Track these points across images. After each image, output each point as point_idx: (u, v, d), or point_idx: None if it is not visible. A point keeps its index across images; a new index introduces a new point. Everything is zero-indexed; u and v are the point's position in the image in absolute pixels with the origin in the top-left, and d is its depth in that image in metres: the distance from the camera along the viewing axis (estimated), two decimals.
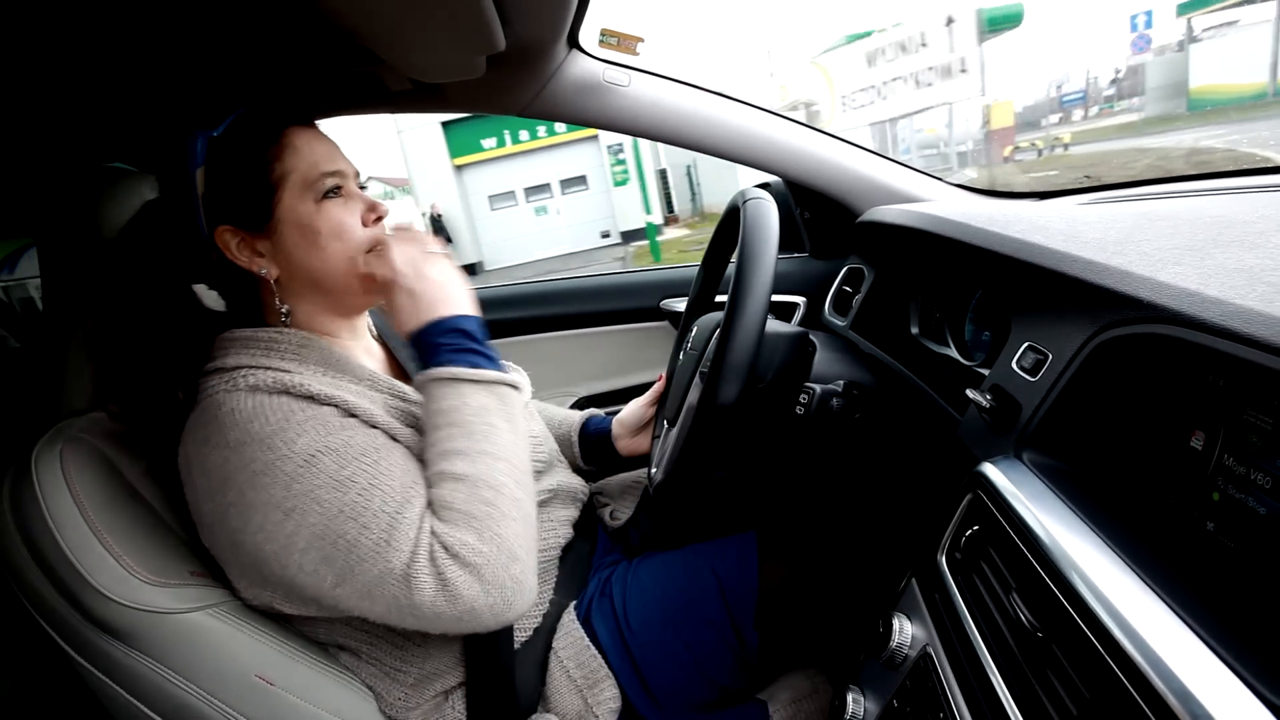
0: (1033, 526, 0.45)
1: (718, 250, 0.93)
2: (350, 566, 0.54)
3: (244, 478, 0.55)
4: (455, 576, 0.54)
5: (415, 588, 0.54)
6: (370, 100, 0.97)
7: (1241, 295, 0.39)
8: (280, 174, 0.62)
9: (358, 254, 0.65)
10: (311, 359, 0.63)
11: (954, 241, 0.73)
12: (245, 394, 0.57)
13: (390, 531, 0.54)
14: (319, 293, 0.67)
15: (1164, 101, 13.59)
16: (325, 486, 0.54)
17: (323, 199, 0.64)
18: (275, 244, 0.64)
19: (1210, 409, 0.46)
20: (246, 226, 0.63)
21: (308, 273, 0.65)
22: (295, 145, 0.63)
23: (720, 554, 0.80)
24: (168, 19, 0.63)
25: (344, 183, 0.65)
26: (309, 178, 0.63)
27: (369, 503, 0.55)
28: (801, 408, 0.76)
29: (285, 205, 0.63)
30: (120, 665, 0.60)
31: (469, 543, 0.55)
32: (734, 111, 1.06)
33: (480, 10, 0.62)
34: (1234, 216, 0.56)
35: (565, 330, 1.39)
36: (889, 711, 0.57)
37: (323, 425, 0.57)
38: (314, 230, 0.63)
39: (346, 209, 0.65)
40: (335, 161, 0.65)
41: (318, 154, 0.64)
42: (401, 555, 0.54)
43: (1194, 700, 0.31)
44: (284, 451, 0.54)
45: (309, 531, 0.54)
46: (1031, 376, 0.55)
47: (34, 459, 0.61)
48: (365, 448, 0.57)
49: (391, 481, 0.56)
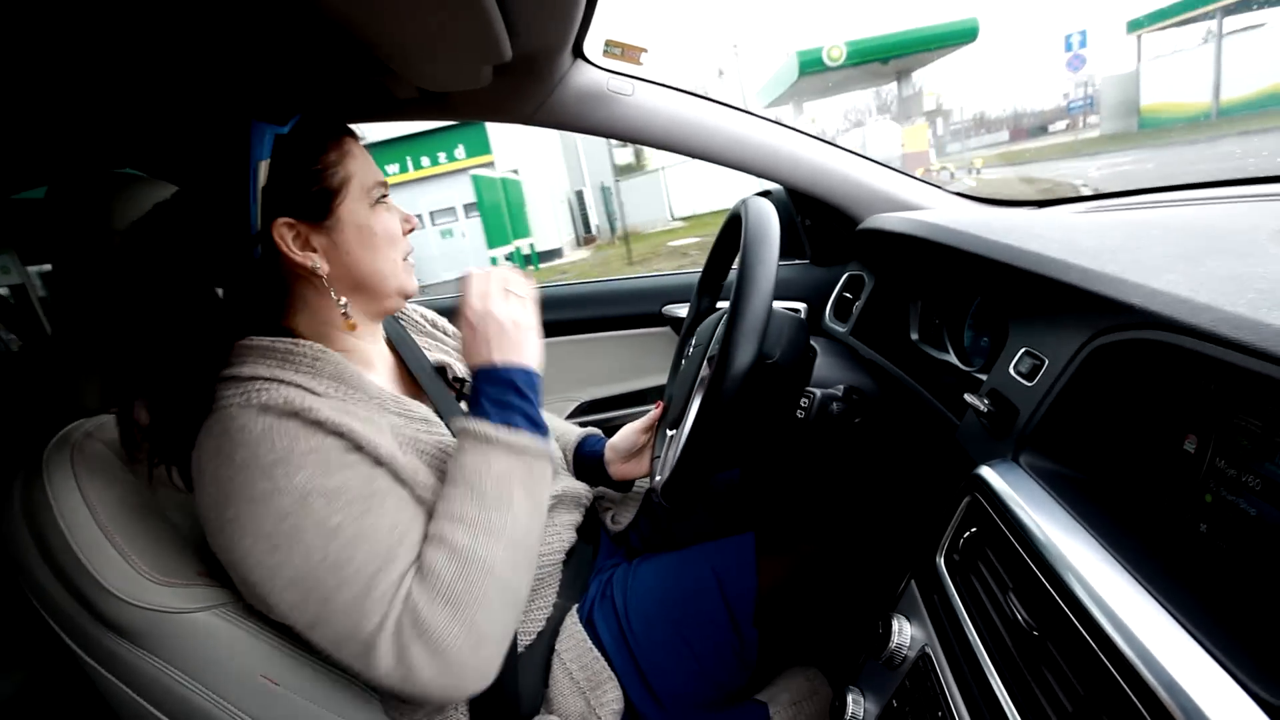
0: (1030, 528, 0.46)
1: (719, 257, 0.94)
2: (323, 616, 0.55)
3: (243, 500, 0.55)
4: (416, 657, 0.54)
5: (374, 659, 0.54)
6: (378, 109, 0.98)
7: (1232, 302, 0.40)
8: (344, 176, 0.65)
9: (399, 258, 0.70)
10: (325, 373, 0.63)
11: (953, 249, 0.74)
12: (256, 413, 0.57)
13: (365, 593, 0.54)
14: (359, 292, 0.69)
15: (1118, 120, 13.74)
16: (312, 530, 0.54)
17: (375, 204, 0.68)
18: (332, 240, 0.65)
19: (1203, 413, 0.47)
20: (309, 218, 0.64)
21: (358, 271, 0.67)
22: (354, 152, 0.67)
23: (720, 554, 0.81)
24: (181, 26, 0.64)
25: (387, 193, 0.70)
26: (366, 183, 0.67)
27: (351, 556, 0.55)
28: (802, 412, 0.77)
29: (347, 206, 0.65)
30: (127, 664, 0.61)
31: (440, 622, 0.54)
32: (736, 120, 1.07)
33: (488, 21, 0.64)
34: (1226, 225, 0.57)
35: (567, 335, 1.40)
36: (888, 711, 0.57)
37: (323, 462, 0.56)
38: (370, 232, 0.67)
39: (392, 216, 0.70)
40: (379, 173, 0.70)
41: (369, 163, 0.69)
42: (370, 621, 0.54)
43: (1187, 697, 0.32)
44: (282, 484, 0.54)
45: (291, 571, 0.54)
46: (1028, 381, 0.56)
47: (45, 460, 0.61)
48: (359, 494, 0.57)
49: (378, 536, 0.56)
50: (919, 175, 1.15)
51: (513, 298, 0.67)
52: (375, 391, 0.66)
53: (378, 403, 0.65)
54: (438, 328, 0.90)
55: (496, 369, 0.64)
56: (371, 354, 0.73)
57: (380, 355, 0.75)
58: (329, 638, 0.55)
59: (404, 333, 0.82)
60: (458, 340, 0.90)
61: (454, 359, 0.84)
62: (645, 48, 0.97)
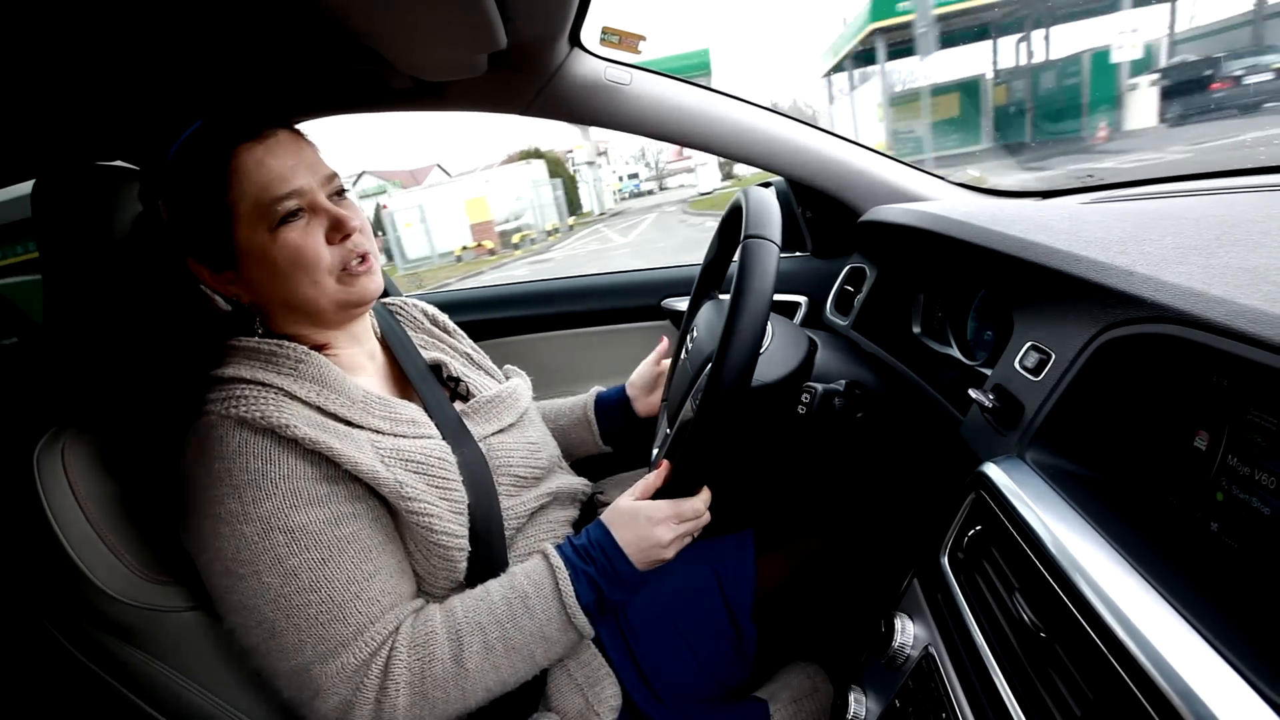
0: (1035, 527, 0.45)
1: (720, 249, 0.93)
2: (268, 647, 0.56)
3: (210, 514, 0.55)
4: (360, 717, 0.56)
5: (319, 704, 0.56)
6: (372, 99, 0.96)
7: (1246, 295, 0.39)
8: (231, 203, 0.59)
9: (325, 277, 0.62)
10: (308, 375, 0.62)
11: (956, 241, 0.73)
12: (233, 426, 0.57)
13: (321, 658, 0.56)
14: (299, 314, 0.65)
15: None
16: (268, 568, 0.55)
17: (279, 225, 0.59)
18: (240, 274, 0.62)
19: (1214, 409, 0.46)
20: (208, 263, 0.62)
21: (278, 301, 0.64)
22: (244, 170, 0.59)
23: (719, 551, 0.80)
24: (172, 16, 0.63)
25: (305, 200, 0.60)
26: (260, 203, 0.59)
27: (307, 602, 0.55)
28: (803, 407, 0.76)
29: (241, 237, 0.60)
30: (121, 662, 0.61)
31: (401, 706, 0.57)
32: (735, 110, 1.06)
33: (482, 8, 0.62)
34: (1238, 216, 0.56)
35: (567, 329, 1.39)
36: (891, 711, 0.57)
37: (292, 492, 0.56)
38: (271, 261, 0.60)
39: (306, 233, 0.60)
40: (291, 180, 0.59)
41: (269, 175, 0.59)
42: (328, 702, 0.56)
43: (1197, 700, 0.31)
44: (250, 510, 0.55)
45: (240, 597, 0.56)
46: (1034, 376, 0.55)
47: (36, 458, 0.61)
48: (319, 540, 0.56)
49: (332, 589, 0.56)
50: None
51: (685, 531, 0.66)
52: (358, 395, 0.65)
53: (361, 405, 0.65)
54: (438, 324, 0.88)
55: (634, 571, 0.64)
56: (358, 355, 0.72)
57: (370, 355, 0.74)
58: (269, 666, 0.57)
59: (399, 329, 0.80)
60: (458, 337, 0.89)
61: (450, 357, 0.82)
62: (644, 35, 0.95)
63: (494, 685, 0.60)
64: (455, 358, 0.83)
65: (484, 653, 0.59)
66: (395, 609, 0.60)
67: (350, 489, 0.59)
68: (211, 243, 0.61)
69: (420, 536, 0.62)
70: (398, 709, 0.56)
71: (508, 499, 0.72)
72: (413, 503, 0.61)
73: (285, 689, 0.57)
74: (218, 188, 0.58)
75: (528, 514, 0.74)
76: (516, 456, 0.75)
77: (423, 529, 0.61)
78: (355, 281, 0.64)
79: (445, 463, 0.66)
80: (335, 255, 0.62)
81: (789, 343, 0.78)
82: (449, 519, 0.63)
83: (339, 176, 0.65)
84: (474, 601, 0.62)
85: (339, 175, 0.65)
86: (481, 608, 0.61)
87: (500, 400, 0.78)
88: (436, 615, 0.61)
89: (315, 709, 0.56)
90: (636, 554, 0.63)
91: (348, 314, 0.67)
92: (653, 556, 0.64)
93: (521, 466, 0.75)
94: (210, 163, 0.59)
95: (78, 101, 0.76)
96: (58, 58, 0.66)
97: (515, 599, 0.61)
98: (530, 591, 0.62)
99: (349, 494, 0.59)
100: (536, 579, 0.62)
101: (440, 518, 0.62)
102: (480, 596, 0.62)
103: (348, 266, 0.63)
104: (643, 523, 0.64)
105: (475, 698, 0.60)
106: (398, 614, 0.60)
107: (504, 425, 0.77)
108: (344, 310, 0.65)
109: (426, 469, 0.64)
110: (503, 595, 0.62)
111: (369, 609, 0.58)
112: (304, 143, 0.64)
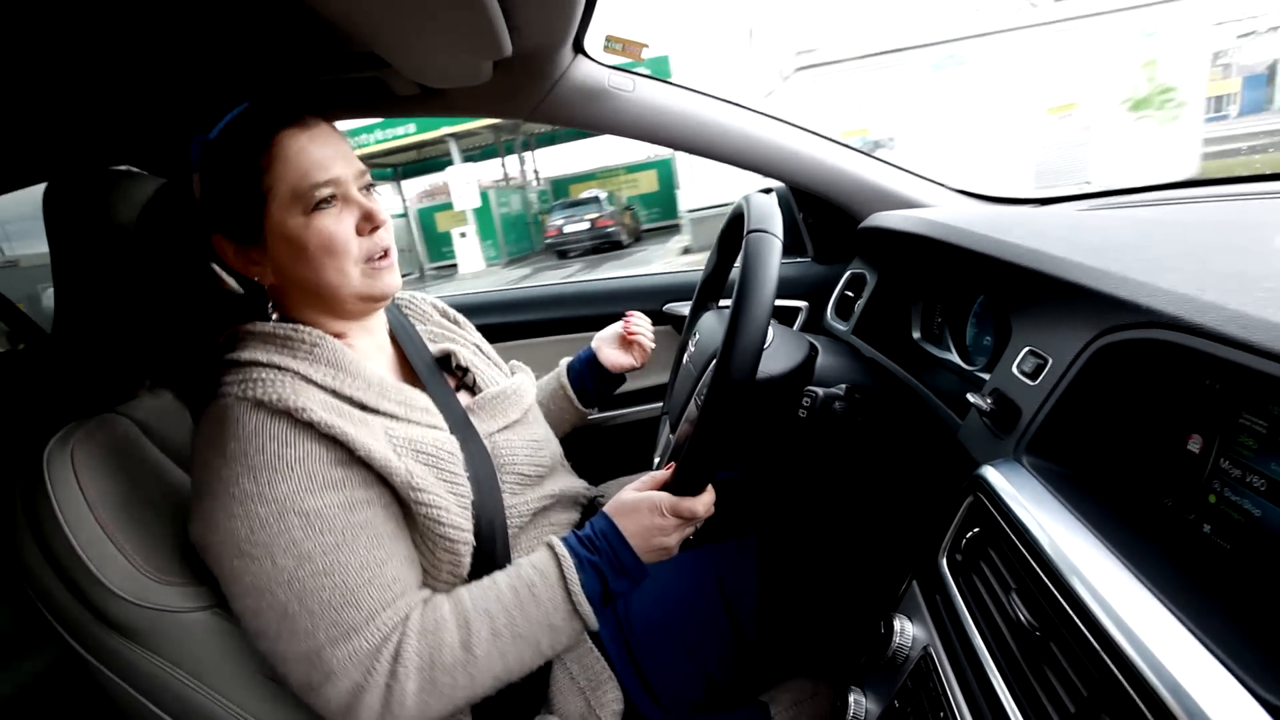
0: (1032, 529, 0.46)
1: (722, 255, 0.94)
2: (277, 632, 0.56)
3: (224, 494, 0.55)
4: (366, 710, 0.56)
5: (325, 692, 0.56)
6: (376, 104, 0.98)
7: (1238, 300, 0.39)
8: (269, 185, 0.61)
9: (351, 266, 0.63)
10: (323, 359, 0.63)
11: (956, 247, 0.73)
12: (250, 408, 0.57)
13: (331, 642, 0.55)
14: (318, 300, 0.66)
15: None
16: (282, 550, 0.55)
17: (313, 210, 0.61)
18: (268, 254, 0.63)
19: (1207, 412, 0.47)
20: (238, 239, 0.63)
21: (302, 283, 0.65)
22: (285, 154, 0.61)
23: (721, 556, 0.81)
24: (178, 23, 0.64)
25: (340, 189, 0.63)
26: (299, 189, 0.60)
27: (320, 586, 0.55)
28: (804, 411, 0.76)
29: (274, 218, 0.62)
30: (129, 663, 0.61)
31: (410, 692, 0.57)
32: (737, 116, 1.07)
33: (488, 17, 0.63)
34: (1231, 222, 0.57)
35: (570, 334, 1.40)
36: (890, 712, 0.57)
37: (308, 476, 0.56)
38: (302, 244, 0.61)
39: (339, 220, 0.62)
40: (330, 168, 0.62)
41: (310, 161, 0.61)
42: (339, 686, 0.56)
43: (1190, 699, 0.32)
44: (265, 491, 0.55)
45: (251, 579, 0.55)
46: (1032, 380, 0.56)
47: (46, 458, 0.61)
48: (334, 524, 0.57)
49: (347, 575, 0.56)
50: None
51: (684, 526, 0.66)
52: (374, 379, 0.66)
53: (377, 389, 0.65)
54: (447, 316, 0.89)
55: (639, 564, 0.64)
56: (369, 347, 0.72)
57: (380, 348, 0.74)
58: (278, 650, 0.57)
59: (407, 324, 0.81)
60: (467, 329, 0.90)
61: (460, 346, 0.83)
62: (646, 43, 0.96)
63: (500, 673, 0.60)
64: (465, 347, 0.84)
65: (492, 639, 0.59)
66: (406, 596, 0.60)
67: (363, 475, 0.60)
68: (244, 219, 0.62)
69: (427, 529, 0.62)
70: (407, 694, 0.56)
71: (511, 496, 0.73)
72: (421, 494, 0.61)
73: (294, 674, 0.57)
74: (259, 167, 0.61)
75: (531, 513, 0.75)
76: (520, 454, 0.75)
77: (430, 520, 0.62)
78: (379, 275, 0.65)
79: (454, 457, 0.66)
80: (362, 247, 0.64)
81: (790, 343, 0.79)
82: (456, 513, 0.64)
83: (369, 172, 0.67)
84: (481, 590, 0.62)
85: (369, 171, 0.67)
86: (489, 595, 0.61)
87: (505, 397, 0.79)
88: (445, 603, 0.61)
89: (324, 694, 0.56)
90: (640, 543, 0.64)
91: (366, 307, 0.69)
92: (656, 545, 0.64)
93: (525, 464, 0.75)
94: (255, 142, 0.61)
95: (89, 108, 0.77)
96: (70, 67, 0.67)
97: (522, 587, 0.62)
98: (536, 580, 0.62)
99: (362, 479, 0.60)
100: (542, 568, 0.63)
101: (448, 510, 0.63)
102: (487, 585, 0.63)
103: (371, 259, 0.65)
104: (645, 513, 0.64)
105: (482, 685, 0.60)
106: (408, 601, 0.60)
107: (509, 422, 0.77)
108: (364, 302, 0.67)
109: (436, 461, 0.64)
110: (509, 584, 0.62)
111: (381, 594, 0.58)
112: (340, 135, 0.66)
